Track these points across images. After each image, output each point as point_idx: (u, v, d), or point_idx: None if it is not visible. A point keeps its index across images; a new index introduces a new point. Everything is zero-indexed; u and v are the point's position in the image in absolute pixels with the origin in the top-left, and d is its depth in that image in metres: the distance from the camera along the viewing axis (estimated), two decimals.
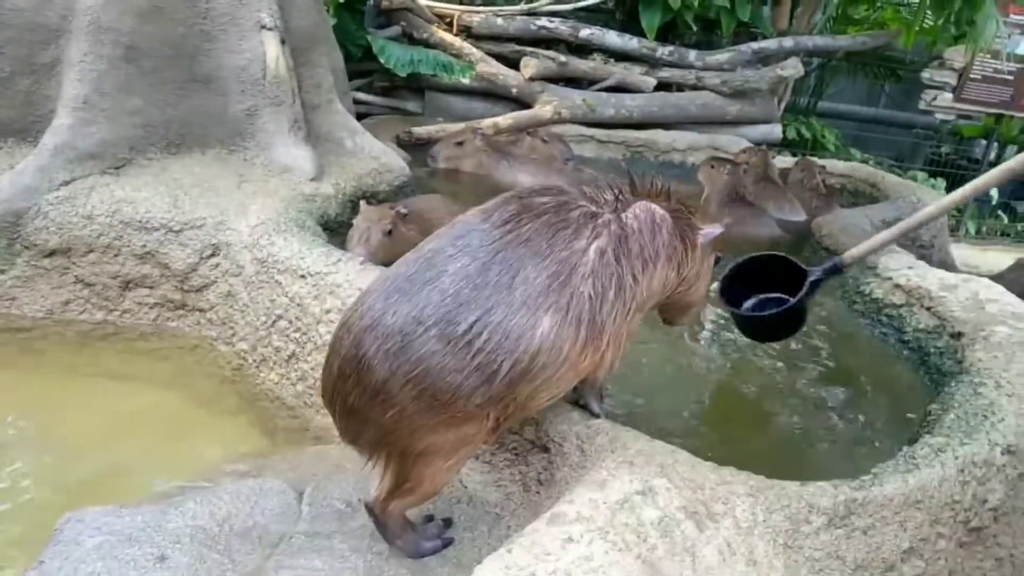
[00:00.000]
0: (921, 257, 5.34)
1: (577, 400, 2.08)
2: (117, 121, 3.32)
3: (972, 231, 8.35)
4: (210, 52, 3.51)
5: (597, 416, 2.03)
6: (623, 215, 2.03)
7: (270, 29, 3.53)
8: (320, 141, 4.06)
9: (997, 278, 6.06)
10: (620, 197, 2.09)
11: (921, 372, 3.12)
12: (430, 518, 2.00)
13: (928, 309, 3.28)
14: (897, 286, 3.56)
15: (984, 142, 8.56)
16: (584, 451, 1.89)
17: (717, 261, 2.48)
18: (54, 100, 3.37)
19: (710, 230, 2.28)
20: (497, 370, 1.71)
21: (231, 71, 3.56)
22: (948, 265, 5.81)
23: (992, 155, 8.84)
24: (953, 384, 2.61)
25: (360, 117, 6.33)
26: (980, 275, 6.64)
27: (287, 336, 2.75)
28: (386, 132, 5.98)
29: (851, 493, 1.81)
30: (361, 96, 6.32)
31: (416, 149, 5.90)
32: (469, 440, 1.79)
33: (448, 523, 1.99)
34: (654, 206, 2.10)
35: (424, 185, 5.37)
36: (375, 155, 4.24)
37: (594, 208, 1.97)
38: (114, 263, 3.08)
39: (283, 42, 3.61)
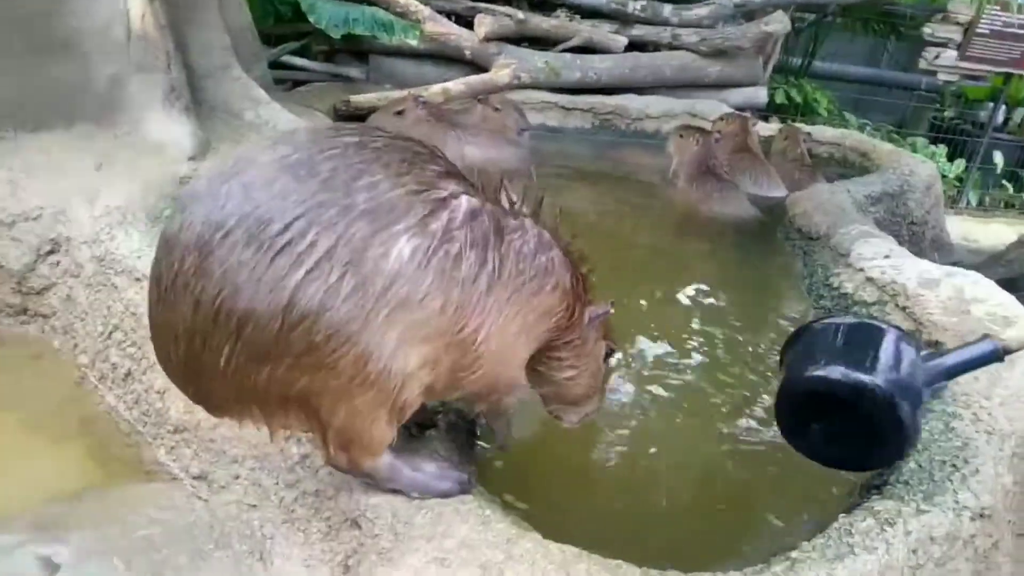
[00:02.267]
0: (912, 235, 5.00)
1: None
2: None
3: (974, 202, 7.90)
4: (62, 12, 3.07)
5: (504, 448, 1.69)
6: (505, 211, 1.70)
7: None
8: (214, 113, 3.66)
9: (998, 257, 5.76)
10: (510, 200, 1.74)
11: None
12: None
13: (903, 309, 2.86)
14: (869, 280, 3.14)
15: (992, 105, 8.06)
16: (397, 534, 1.51)
17: (609, 354, 2.08)
18: None
19: (598, 309, 1.93)
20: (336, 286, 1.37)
21: (90, 33, 3.12)
22: (943, 243, 5.42)
23: (999, 119, 8.33)
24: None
25: (296, 84, 5.95)
26: (981, 250, 6.29)
27: (123, 351, 2.37)
28: (323, 101, 5.59)
29: None
30: (297, 61, 5.89)
31: (357, 120, 5.47)
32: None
33: None
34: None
35: None
36: (283, 129, 3.82)
37: (467, 186, 1.61)
38: None
39: None
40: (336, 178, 1.40)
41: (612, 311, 1.96)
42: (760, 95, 7.28)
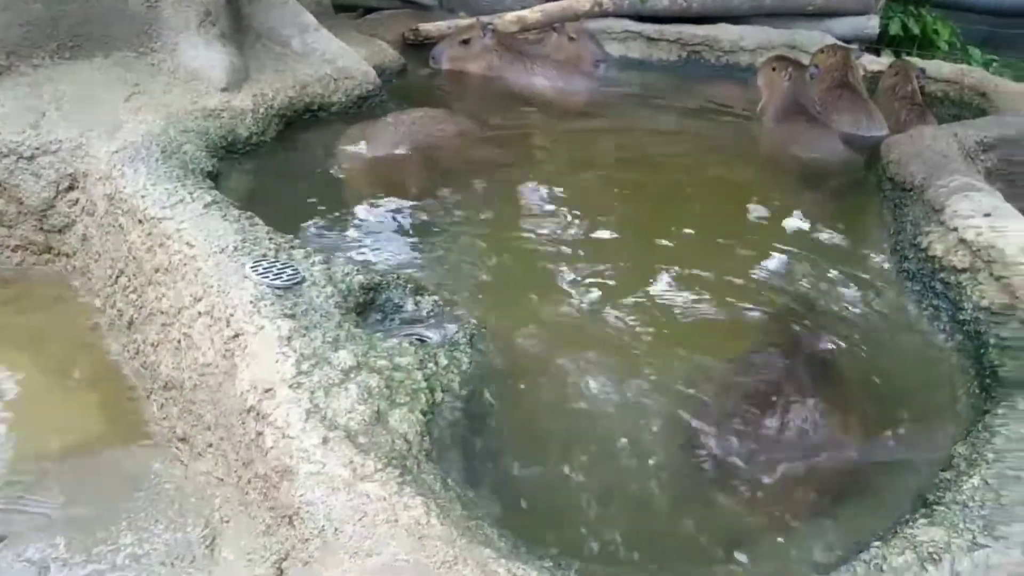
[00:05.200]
0: None
1: None
2: None
3: None
4: None
5: None
6: None
7: None
8: (259, 40, 3.41)
9: None
10: None
11: (972, 374, 2.22)
12: None
13: (998, 280, 2.34)
14: (962, 241, 2.58)
15: None
16: (326, 542, 1.25)
17: None
18: None
19: None
20: None
21: None
22: None
23: None
24: (1002, 411, 1.76)
25: (368, 12, 5.61)
26: None
27: (127, 297, 2.20)
28: (391, 30, 5.24)
29: None
30: None
31: (425, 50, 5.11)
32: None
33: None
34: None
35: (422, 92, 4.66)
36: (330, 58, 3.53)
37: None
38: None
39: None
40: None
41: None
42: (871, 25, 6.39)
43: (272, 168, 2.93)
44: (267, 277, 1.85)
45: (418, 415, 1.57)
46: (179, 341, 1.89)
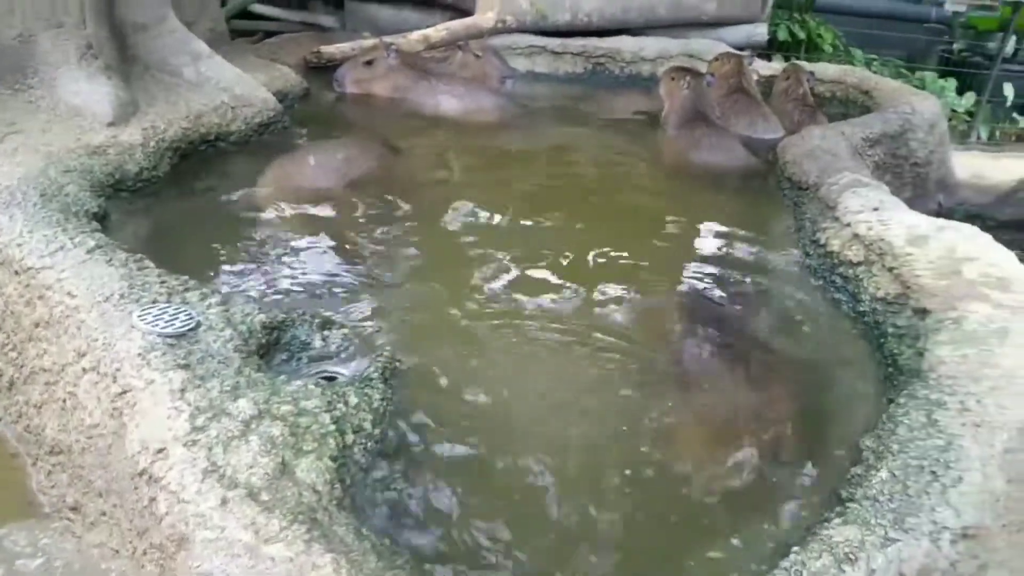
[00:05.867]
0: (916, 177, 4.45)
1: None
2: None
3: (985, 136, 7.22)
4: None
5: None
6: None
7: None
8: (147, 71, 3.20)
9: (1006, 196, 5.22)
10: None
11: (877, 361, 2.27)
12: None
13: (890, 271, 2.41)
14: (856, 236, 2.66)
15: (1002, 35, 7.26)
16: None
17: None
18: None
19: None
20: None
21: None
22: (948, 183, 4.89)
23: (1008, 49, 7.52)
24: (903, 400, 1.79)
25: (268, 35, 5.42)
26: (990, 189, 5.68)
27: (7, 356, 1.99)
28: (292, 53, 5.07)
29: None
30: (264, 9, 5.33)
31: (328, 72, 4.96)
32: None
33: None
34: None
35: (327, 116, 4.53)
36: (225, 86, 3.36)
37: None
38: None
39: None
40: None
41: None
42: (760, 32, 6.61)
43: (167, 205, 2.74)
44: (157, 325, 1.70)
45: (327, 461, 1.46)
46: (64, 401, 1.72)
